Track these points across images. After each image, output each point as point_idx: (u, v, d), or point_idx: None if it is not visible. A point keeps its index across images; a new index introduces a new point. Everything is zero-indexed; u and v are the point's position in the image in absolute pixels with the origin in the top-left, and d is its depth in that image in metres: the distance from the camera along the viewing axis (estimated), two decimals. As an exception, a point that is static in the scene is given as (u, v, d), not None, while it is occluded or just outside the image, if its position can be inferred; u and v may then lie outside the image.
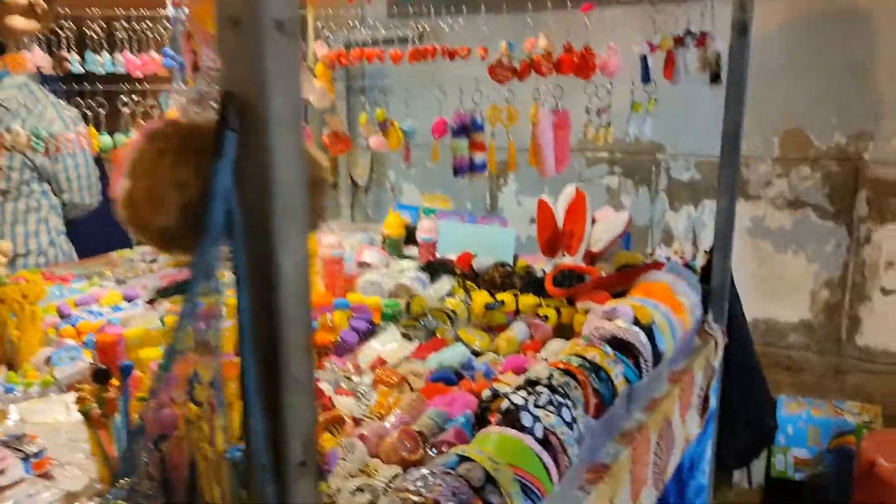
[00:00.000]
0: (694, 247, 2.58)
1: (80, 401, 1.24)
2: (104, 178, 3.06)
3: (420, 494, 1.02)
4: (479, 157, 2.07)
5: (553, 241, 2.30)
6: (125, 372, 1.25)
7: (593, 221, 2.31)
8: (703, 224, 3.26)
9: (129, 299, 2.38)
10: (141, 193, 0.62)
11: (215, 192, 0.56)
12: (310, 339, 0.64)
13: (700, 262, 2.29)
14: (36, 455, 1.35)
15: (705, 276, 2.26)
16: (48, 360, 1.75)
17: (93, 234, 3.25)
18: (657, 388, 1.77)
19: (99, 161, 2.97)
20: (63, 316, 2.17)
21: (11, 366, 1.79)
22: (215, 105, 0.58)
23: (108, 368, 1.27)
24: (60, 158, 2.78)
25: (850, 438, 2.83)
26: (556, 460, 1.25)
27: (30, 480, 1.31)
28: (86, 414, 1.22)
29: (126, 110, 1.97)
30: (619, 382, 1.55)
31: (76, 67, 1.97)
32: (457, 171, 2.07)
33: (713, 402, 2.19)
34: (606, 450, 1.50)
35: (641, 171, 3.36)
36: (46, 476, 1.33)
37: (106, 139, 1.97)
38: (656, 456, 1.71)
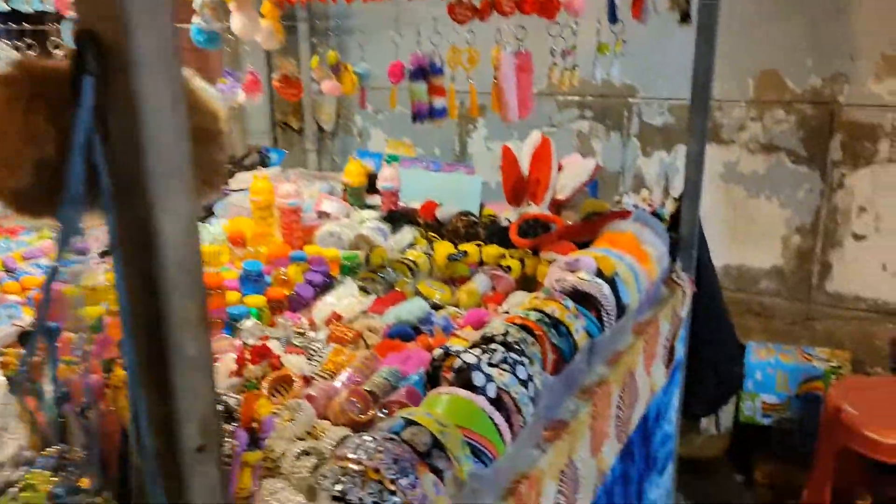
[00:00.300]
0: (666, 193, 2.52)
1: (3, 365, 1.17)
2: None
3: (360, 462, 0.97)
4: (438, 101, 1.97)
5: (518, 189, 2.23)
6: (52, 334, 1.17)
7: (559, 168, 2.24)
8: (676, 170, 3.17)
9: (80, 252, 2.28)
10: (-14, 149, 0.53)
11: (73, 147, 0.48)
12: (203, 312, 0.57)
13: (669, 209, 2.23)
14: (-36, 421, 1.28)
15: (674, 223, 2.20)
16: (-18, 321, 1.67)
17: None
18: (620, 340, 1.73)
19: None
20: (8, 270, 2.08)
21: (-52, 325, 1.71)
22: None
23: (37, 329, 1.19)
24: None
25: (818, 384, 2.84)
26: (508, 420, 1.20)
27: (-44, 449, 1.24)
28: (11, 379, 1.15)
29: (59, 52, 1.84)
30: (580, 337, 1.50)
31: (2, 6, 1.82)
32: (416, 116, 1.98)
33: (680, 352, 2.17)
34: (566, 406, 1.46)
35: (613, 116, 3.27)
36: (-26, 444, 1.26)
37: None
38: (619, 409, 1.67)
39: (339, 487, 0.95)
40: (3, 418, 1.33)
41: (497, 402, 1.21)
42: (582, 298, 1.61)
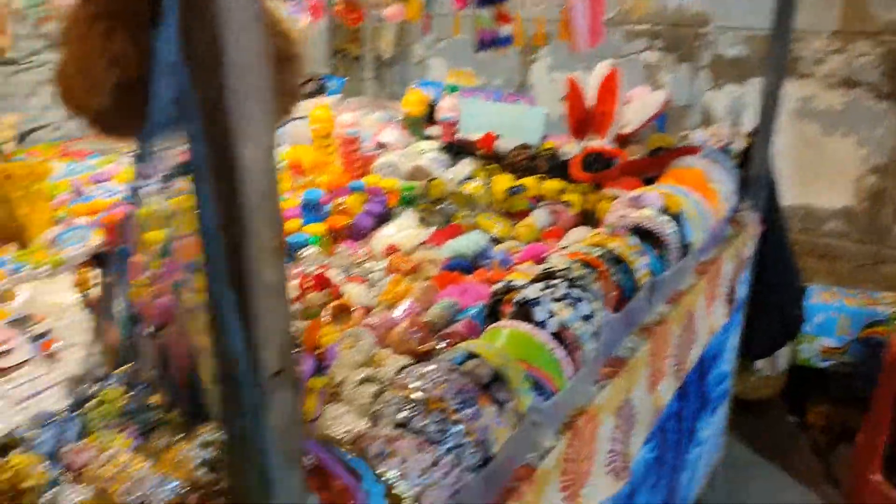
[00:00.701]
0: (735, 129, 2.41)
1: (79, 284, 1.21)
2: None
3: (423, 391, 0.98)
4: (504, 29, 1.91)
5: (583, 121, 2.17)
6: (123, 256, 1.20)
7: (627, 101, 2.16)
8: (748, 105, 3.06)
9: (145, 176, 2.32)
10: (73, 67, 0.53)
11: (158, 68, 0.47)
12: (280, 239, 0.57)
13: (739, 146, 2.15)
14: (42, 336, 1.34)
15: (744, 160, 2.12)
16: (56, 240, 1.72)
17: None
18: (682, 279, 1.69)
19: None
20: (77, 193, 2.13)
21: (22, 244, 1.77)
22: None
23: (109, 251, 1.23)
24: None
25: (881, 329, 2.75)
26: (570, 356, 1.20)
27: (35, 361, 1.30)
28: (85, 297, 1.18)
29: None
30: (642, 275, 1.48)
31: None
32: (480, 44, 1.92)
33: (741, 293, 2.12)
34: (625, 343, 1.44)
35: (684, 46, 3.13)
36: (52, 357, 1.32)
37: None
38: (677, 348, 1.65)
39: (402, 415, 0.96)
40: (77, 336, 1.39)
41: (558, 337, 1.20)
42: (645, 235, 1.58)
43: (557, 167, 2.11)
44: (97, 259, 1.21)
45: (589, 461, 1.28)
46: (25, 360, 1.29)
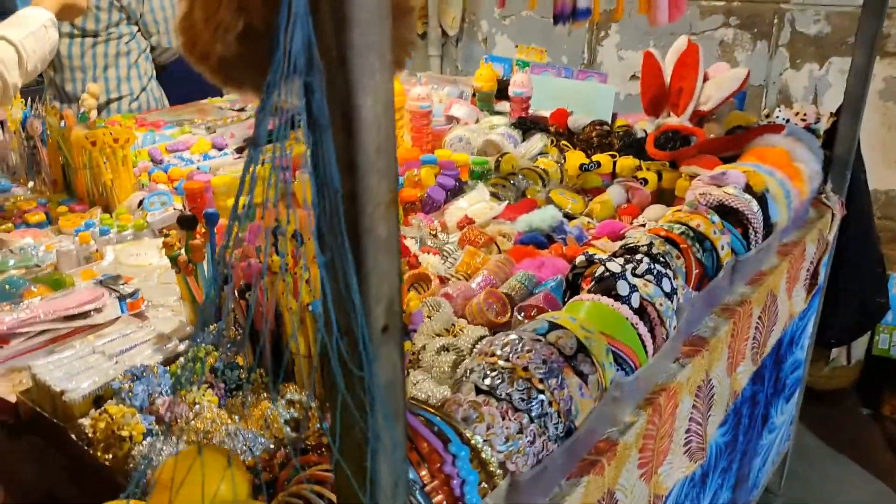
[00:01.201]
0: (815, 110, 2.33)
1: (166, 246, 1.24)
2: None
3: (508, 360, 0.97)
4: (582, 1, 1.87)
5: (658, 98, 2.11)
6: (211, 220, 1.23)
7: (705, 78, 2.10)
8: (828, 84, 2.94)
9: (218, 147, 2.37)
10: (199, 14, 0.54)
11: (292, 16, 0.47)
12: (394, 194, 0.57)
13: (824, 125, 2.07)
14: (131, 295, 1.38)
15: (828, 140, 2.04)
16: (140, 204, 1.77)
17: (182, 81, 3.24)
18: (765, 260, 1.65)
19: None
20: (155, 161, 2.19)
21: (106, 209, 1.83)
22: None
23: (195, 215, 1.25)
24: (147, -1, 2.72)
25: (966, 322, 2.64)
26: (652, 332, 1.18)
27: (125, 319, 1.34)
28: (173, 259, 1.21)
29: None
30: (725, 254, 1.44)
31: None
32: (558, 18, 1.88)
33: (822, 278, 2.05)
34: (706, 322, 1.41)
35: (761, 23, 3.03)
36: (140, 316, 1.36)
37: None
38: (757, 331, 1.61)
39: (487, 382, 0.96)
40: (162, 296, 1.43)
41: (640, 313, 1.18)
42: (728, 214, 1.54)
43: (631, 144, 2.07)
44: (183, 222, 1.23)
45: (668, 439, 1.26)
46: (115, 318, 1.33)
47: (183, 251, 1.22)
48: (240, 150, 2.35)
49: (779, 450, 2.26)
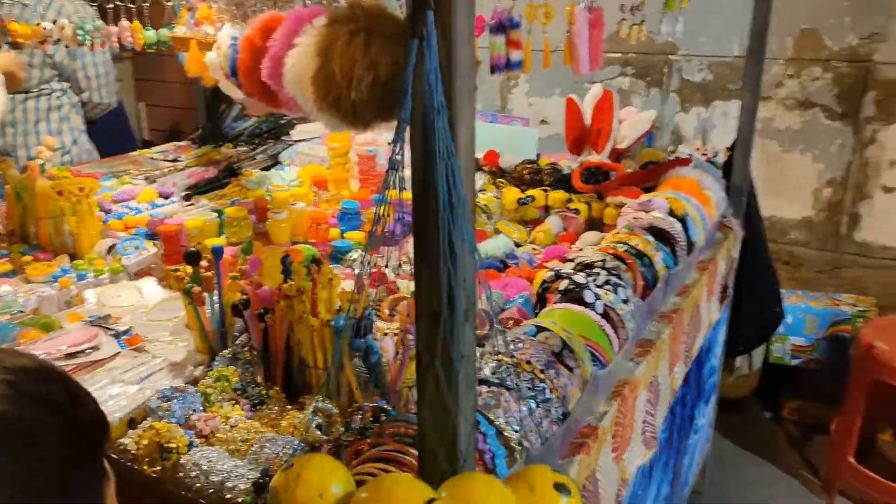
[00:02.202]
0: (712, 146, 2.65)
1: (178, 280, 1.33)
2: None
3: (512, 356, 1.14)
4: (515, 54, 2.10)
5: (581, 138, 2.37)
6: (217, 254, 1.33)
7: (620, 120, 2.38)
8: (713, 125, 3.33)
9: (164, 196, 2.44)
10: (335, 71, 0.68)
11: (408, 70, 0.63)
12: (473, 203, 0.73)
13: (722, 158, 2.38)
14: (126, 332, 1.45)
15: (726, 172, 2.35)
16: (111, 250, 1.83)
17: (107, 135, 3.28)
18: (689, 275, 1.90)
19: (116, 60, 2.95)
20: (105, 211, 2.23)
21: (73, 256, 1.87)
22: None
23: (199, 251, 1.35)
24: (79, 55, 2.76)
25: (845, 327, 3.02)
26: (616, 333, 1.37)
27: (125, 354, 1.41)
28: (187, 291, 1.31)
29: (170, 4, 1.96)
30: (660, 268, 1.67)
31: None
32: (494, 68, 2.11)
33: (730, 291, 2.34)
34: (650, 328, 1.63)
35: (654, 72, 3.40)
36: (140, 350, 1.43)
37: (150, 34, 1.97)
38: (687, 336, 1.85)
39: (498, 376, 1.12)
40: (159, 332, 1.50)
41: (605, 317, 1.37)
42: (658, 234, 1.77)
43: (560, 180, 2.30)
44: (189, 257, 1.33)
45: (630, 428, 1.45)
46: (115, 354, 1.40)
47: (194, 284, 1.32)
48: (187, 198, 2.43)
49: (702, 451, 2.51)
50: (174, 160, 2.93)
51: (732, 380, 3.17)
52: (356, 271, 1.69)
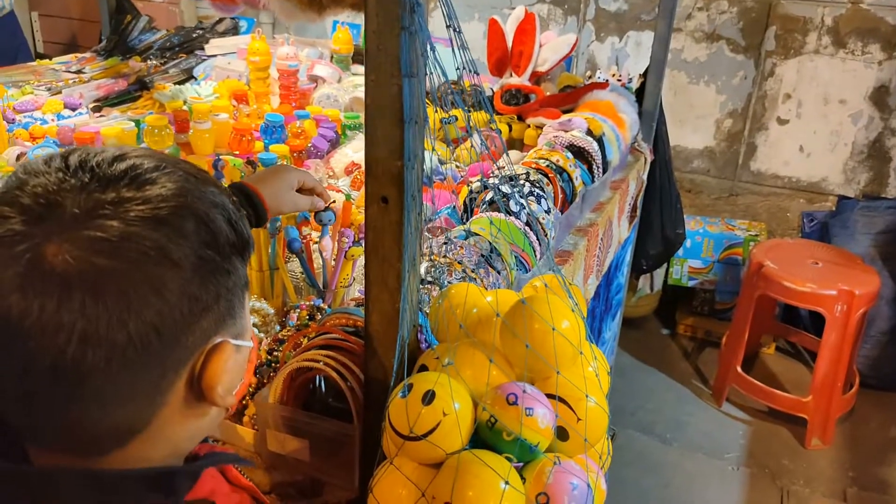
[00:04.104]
0: (627, 72, 2.74)
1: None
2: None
3: (445, 256, 1.19)
4: None
5: (502, 60, 2.40)
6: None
7: (540, 44, 2.42)
8: (627, 55, 3.43)
9: (71, 108, 2.33)
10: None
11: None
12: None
13: (635, 84, 2.47)
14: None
15: (638, 98, 2.45)
16: (20, 158, 1.75)
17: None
18: (603, 193, 2.00)
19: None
20: (8, 121, 2.12)
21: (-21, 164, 1.78)
22: None
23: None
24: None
25: (738, 250, 3.25)
26: (539, 240, 1.45)
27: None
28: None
29: None
30: (578, 184, 1.75)
31: None
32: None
33: (638, 211, 2.47)
34: (567, 240, 1.72)
35: (571, 0, 3.45)
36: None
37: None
38: (600, 250, 1.96)
39: (430, 275, 1.17)
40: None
41: (528, 225, 1.45)
42: (576, 152, 1.85)
43: (482, 101, 2.34)
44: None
45: (549, 331, 1.55)
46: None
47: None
48: (97, 110, 2.33)
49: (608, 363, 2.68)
50: (78, 71, 2.78)
51: (635, 300, 3.37)
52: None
